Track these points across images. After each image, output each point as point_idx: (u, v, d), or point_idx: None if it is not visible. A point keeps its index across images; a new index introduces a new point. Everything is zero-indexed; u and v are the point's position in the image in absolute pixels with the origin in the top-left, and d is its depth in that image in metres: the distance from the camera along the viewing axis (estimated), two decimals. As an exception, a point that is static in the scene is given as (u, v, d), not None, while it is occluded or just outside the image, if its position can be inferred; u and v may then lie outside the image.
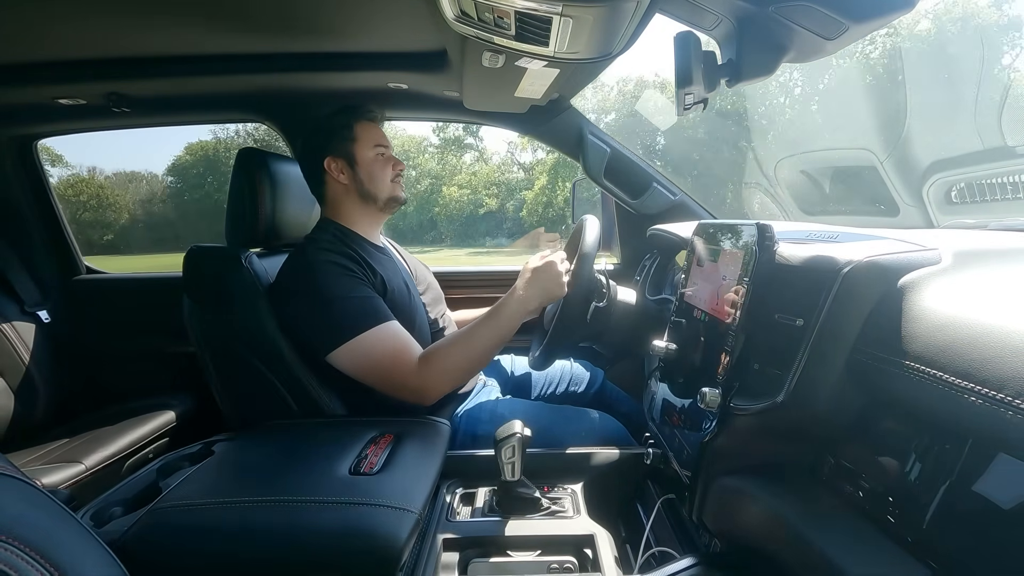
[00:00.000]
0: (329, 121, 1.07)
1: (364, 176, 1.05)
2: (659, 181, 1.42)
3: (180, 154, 22.80)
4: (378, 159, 1.06)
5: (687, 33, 0.68)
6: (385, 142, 1.08)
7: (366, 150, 1.05)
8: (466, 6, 0.69)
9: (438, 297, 1.23)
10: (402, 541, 0.61)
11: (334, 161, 1.04)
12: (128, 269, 1.82)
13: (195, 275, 1.00)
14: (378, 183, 1.06)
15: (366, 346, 0.92)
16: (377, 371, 0.93)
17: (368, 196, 1.06)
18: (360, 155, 1.05)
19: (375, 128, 1.08)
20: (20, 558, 0.36)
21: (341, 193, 1.06)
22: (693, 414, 0.71)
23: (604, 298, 1.05)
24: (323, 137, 1.06)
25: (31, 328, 1.45)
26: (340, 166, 1.05)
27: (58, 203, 1.66)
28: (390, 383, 0.94)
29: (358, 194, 1.06)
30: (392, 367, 0.92)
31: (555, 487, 0.89)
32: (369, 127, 1.07)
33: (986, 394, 0.37)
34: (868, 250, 0.56)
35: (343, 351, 0.92)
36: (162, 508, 0.68)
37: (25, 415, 1.37)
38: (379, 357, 0.92)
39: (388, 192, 1.07)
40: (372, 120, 1.09)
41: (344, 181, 1.05)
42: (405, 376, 0.92)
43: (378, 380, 0.94)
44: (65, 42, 1.06)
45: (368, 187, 1.05)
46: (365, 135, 1.06)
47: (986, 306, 0.43)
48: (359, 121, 1.06)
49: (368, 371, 0.93)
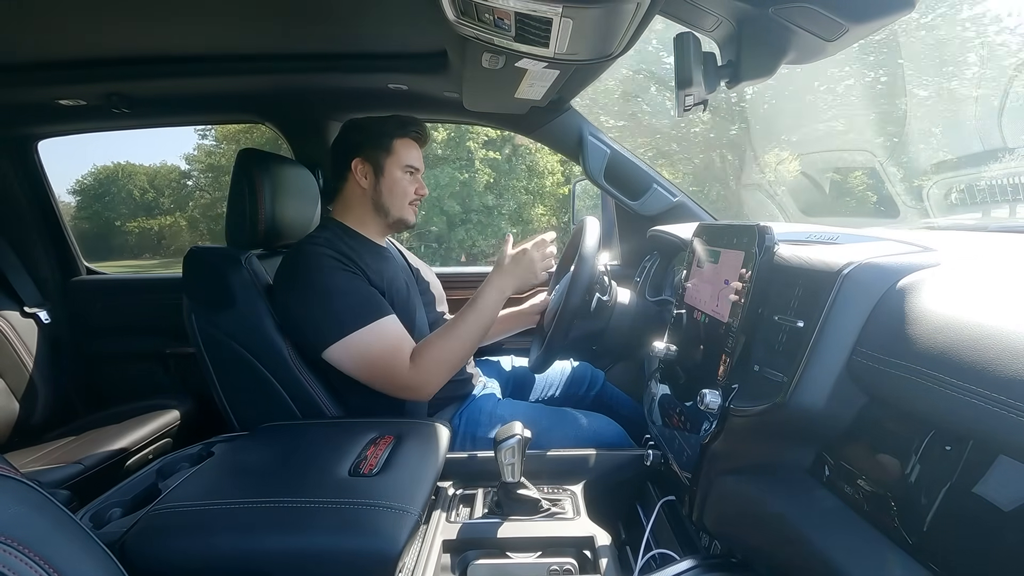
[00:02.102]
0: (374, 124, 1.07)
1: (385, 189, 1.06)
2: (659, 182, 1.42)
3: (85, 174, 19.02)
4: (404, 179, 1.06)
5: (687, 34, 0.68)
6: (418, 165, 1.09)
7: (396, 167, 1.06)
8: (466, 7, 0.69)
9: (440, 298, 1.23)
10: (401, 542, 0.61)
11: (362, 164, 1.05)
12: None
13: (195, 276, 1.00)
14: (396, 200, 1.07)
15: (363, 343, 0.92)
16: (373, 369, 0.93)
17: (381, 209, 1.07)
18: (389, 169, 1.05)
19: (413, 148, 1.08)
20: (19, 559, 0.36)
21: (357, 195, 1.07)
22: (693, 416, 0.71)
23: (608, 291, 1.06)
24: (362, 137, 1.06)
25: (31, 328, 1.45)
26: (366, 170, 1.05)
27: (58, 203, 1.66)
28: (386, 381, 0.94)
29: (372, 203, 1.07)
30: (388, 365, 0.93)
31: (555, 489, 0.88)
32: (408, 145, 1.07)
33: (987, 396, 0.37)
34: (868, 251, 0.56)
35: (339, 347, 0.92)
36: (161, 509, 0.67)
37: (25, 415, 1.37)
38: (376, 355, 0.92)
39: (400, 212, 1.08)
40: (414, 140, 1.09)
41: (364, 186, 1.06)
42: (400, 374, 0.93)
43: (374, 378, 0.94)
44: (65, 43, 1.06)
45: (385, 200, 1.06)
46: (402, 152, 1.06)
47: (986, 308, 0.43)
48: (402, 137, 1.07)
49: (364, 368, 0.93)
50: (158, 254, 17.52)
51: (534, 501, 0.80)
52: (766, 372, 0.60)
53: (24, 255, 1.54)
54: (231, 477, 0.76)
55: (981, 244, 0.66)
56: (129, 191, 18.48)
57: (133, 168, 19.04)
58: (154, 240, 18.08)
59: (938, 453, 0.44)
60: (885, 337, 0.49)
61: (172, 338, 1.58)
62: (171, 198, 18.53)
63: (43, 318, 1.49)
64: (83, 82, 1.20)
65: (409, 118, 1.10)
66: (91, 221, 17.77)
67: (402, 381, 0.93)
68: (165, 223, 17.78)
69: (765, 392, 0.58)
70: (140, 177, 18.80)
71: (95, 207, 18.29)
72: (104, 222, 18.11)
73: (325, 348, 0.92)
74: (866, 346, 0.51)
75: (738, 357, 0.62)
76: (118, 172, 18.71)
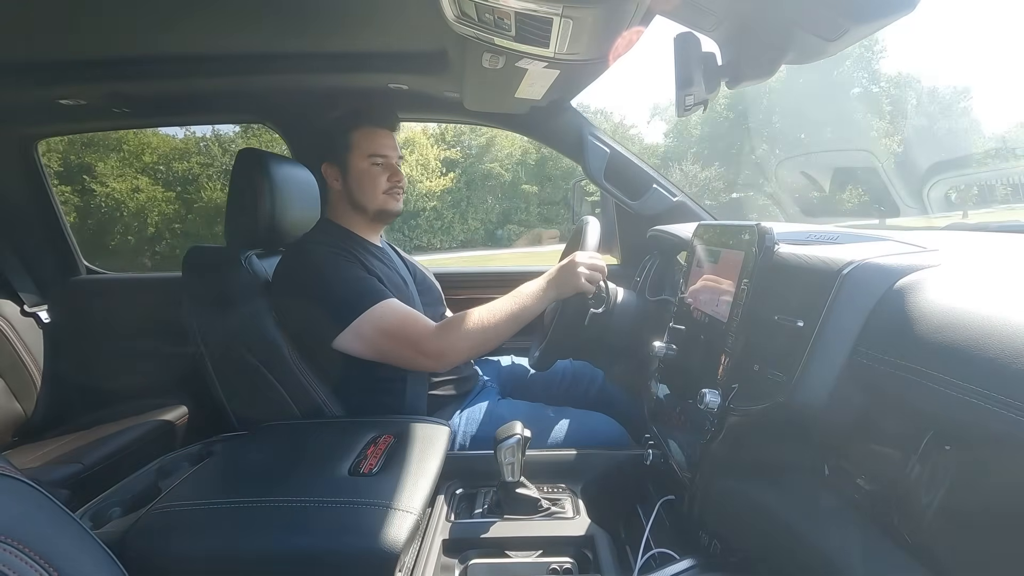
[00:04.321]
0: (329, 126, 1.06)
1: (354, 184, 1.03)
2: (659, 182, 1.42)
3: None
4: (371, 169, 1.03)
5: (687, 34, 0.68)
6: (384, 151, 1.04)
7: (360, 159, 1.03)
8: (466, 7, 0.69)
9: (438, 299, 1.23)
10: (401, 542, 0.61)
11: (330, 168, 1.04)
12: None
13: (195, 275, 1.00)
14: (367, 194, 1.04)
15: (374, 320, 0.91)
16: (392, 340, 0.92)
17: (358, 205, 1.05)
18: (352, 164, 1.03)
19: (376, 135, 1.04)
20: (19, 558, 0.36)
21: (337, 198, 1.07)
22: (693, 415, 0.70)
23: (603, 304, 1.05)
24: (322, 142, 1.06)
25: (31, 328, 1.45)
26: (335, 173, 1.04)
27: (58, 203, 1.66)
28: (407, 350, 0.93)
29: (348, 201, 1.06)
30: (407, 334, 0.92)
31: (555, 488, 0.88)
32: (368, 134, 1.04)
33: (987, 395, 0.37)
34: (868, 251, 0.56)
35: (350, 332, 0.91)
36: (161, 509, 0.67)
37: (25, 415, 1.37)
38: (390, 327, 0.92)
39: (378, 204, 1.05)
40: (376, 126, 1.05)
41: (337, 188, 1.05)
42: (422, 339, 0.92)
43: (393, 349, 0.93)
44: (66, 42, 1.07)
45: (357, 196, 1.04)
46: (362, 143, 1.03)
47: (986, 308, 0.43)
48: (358, 128, 1.04)
49: (382, 344, 0.92)
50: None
51: (534, 501, 0.80)
52: (766, 372, 0.60)
53: (24, 255, 1.54)
54: (231, 476, 0.76)
55: (981, 244, 0.66)
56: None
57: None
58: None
59: (938, 453, 0.44)
60: (885, 337, 0.49)
61: (172, 338, 1.58)
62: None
63: (43, 318, 1.49)
64: (83, 82, 1.20)
65: (365, 105, 1.07)
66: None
67: (425, 348, 0.92)
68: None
69: (765, 392, 0.58)
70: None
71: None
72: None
73: (336, 336, 0.92)
74: (866, 346, 0.51)
75: (738, 357, 0.62)
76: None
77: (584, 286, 0.96)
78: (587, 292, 0.97)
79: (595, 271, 0.97)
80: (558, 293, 0.97)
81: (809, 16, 0.62)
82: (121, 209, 15.61)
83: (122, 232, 15.78)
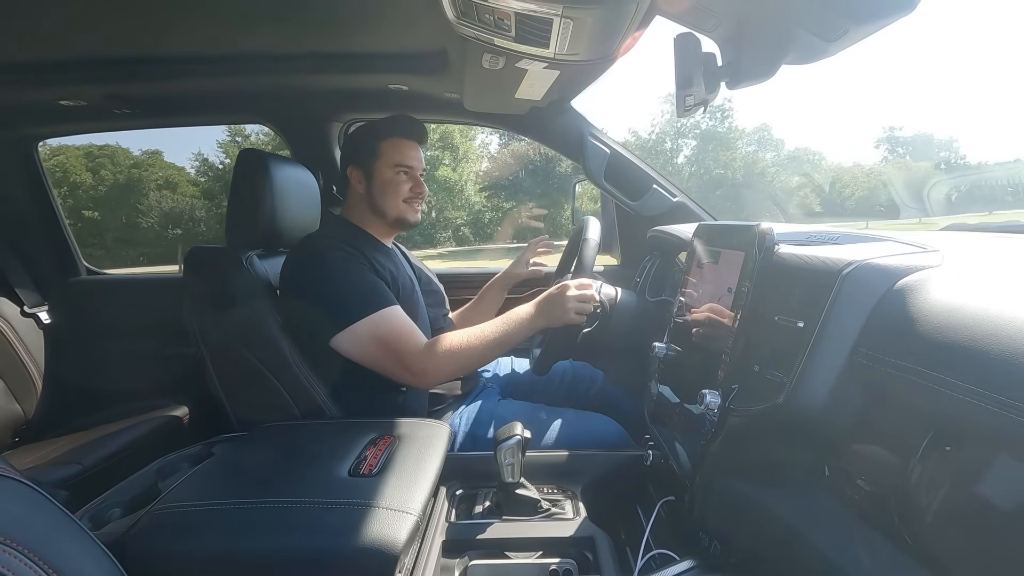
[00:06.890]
0: (362, 130, 1.10)
1: (377, 190, 1.07)
2: (659, 183, 1.42)
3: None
4: (396, 178, 1.06)
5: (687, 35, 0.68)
6: (410, 162, 1.08)
7: (385, 168, 1.06)
8: (466, 7, 0.69)
9: (441, 300, 1.23)
10: (401, 543, 0.61)
11: (355, 170, 1.07)
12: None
13: (195, 276, 1.00)
14: (388, 201, 1.07)
15: (372, 327, 0.92)
16: (382, 350, 0.93)
17: (378, 210, 1.08)
18: (378, 171, 1.06)
19: (403, 146, 1.08)
20: (18, 559, 0.36)
21: (357, 200, 1.09)
22: (693, 416, 0.70)
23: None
24: (352, 145, 1.10)
25: (31, 328, 1.45)
26: (359, 176, 1.07)
27: (58, 203, 1.66)
28: (394, 363, 0.94)
29: (369, 205, 1.08)
30: (398, 347, 0.93)
31: (554, 489, 0.88)
32: (396, 144, 1.07)
33: (987, 396, 0.37)
34: (868, 252, 0.56)
35: (348, 333, 0.92)
36: (161, 509, 0.67)
37: (25, 415, 1.37)
38: (385, 337, 0.93)
39: (397, 212, 1.08)
40: (404, 138, 1.08)
41: (360, 191, 1.08)
42: (410, 356, 0.93)
43: (381, 359, 0.94)
44: (66, 43, 1.07)
45: (378, 201, 1.07)
46: (390, 152, 1.06)
47: (987, 309, 0.43)
48: (389, 137, 1.07)
49: (373, 351, 0.94)
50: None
51: (534, 501, 0.80)
52: (766, 372, 0.60)
53: (24, 255, 1.54)
54: (231, 477, 0.76)
55: (981, 244, 0.66)
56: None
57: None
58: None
59: (938, 453, 0.44)
60: (885, 337, 0.49)
61: (172, 338, 1.58)
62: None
63: (43, 318, 1.49)
64: (83, 82, 1.20)
65: (400, 117, 1.10)
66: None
67: (410, 365, 0.93)
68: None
69: (765, 392, 0.58)
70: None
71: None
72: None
73: (333, 336, 0.93)
74: (866, 346, 0.51)
75: (738, 357, 0.62)
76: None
77: (573, 319, 0.96)
78: (575, 324, 0.97)
79: (585, 302, 0.97)
80: (547, 323, 0.98)
81: (809, 17, 0.62)
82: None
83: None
